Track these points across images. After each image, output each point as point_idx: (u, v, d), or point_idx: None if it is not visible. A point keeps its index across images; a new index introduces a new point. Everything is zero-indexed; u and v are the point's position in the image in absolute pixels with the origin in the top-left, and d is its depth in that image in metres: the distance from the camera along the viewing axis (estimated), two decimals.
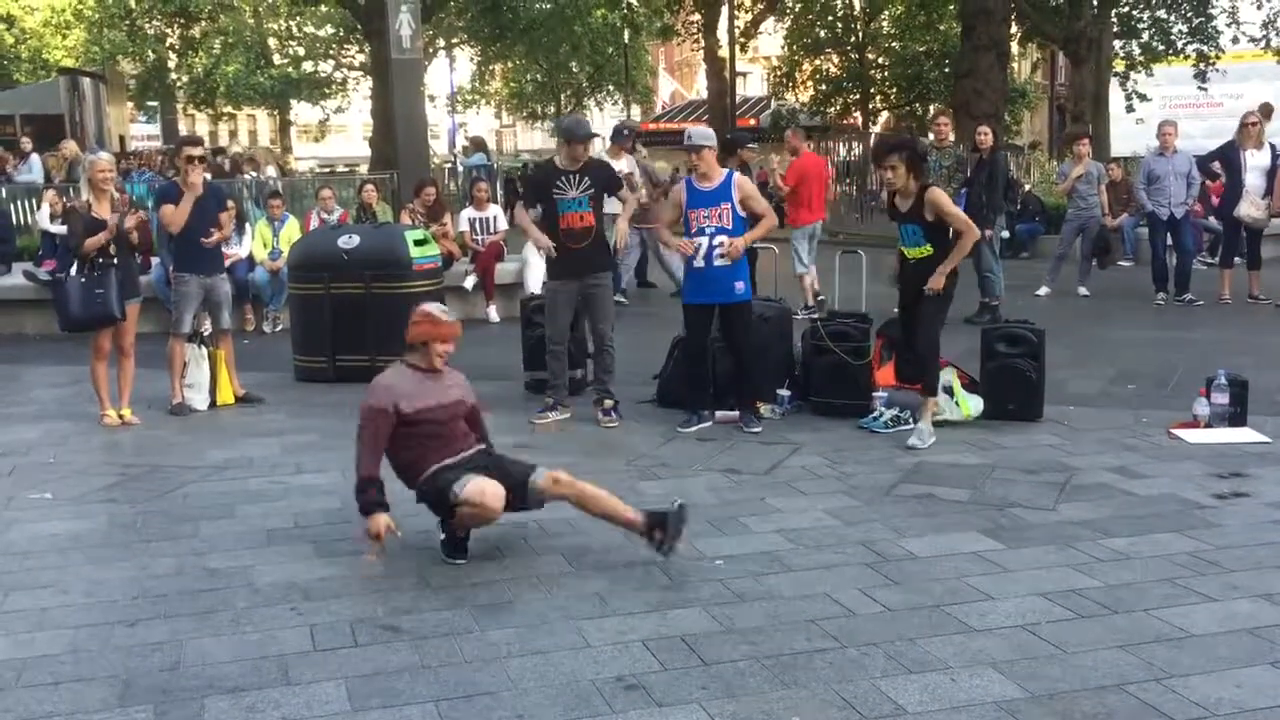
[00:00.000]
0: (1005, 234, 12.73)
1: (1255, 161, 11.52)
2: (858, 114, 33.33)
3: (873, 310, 8.02)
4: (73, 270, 7.27)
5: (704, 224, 6.89)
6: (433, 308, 5.06)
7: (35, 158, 17.06)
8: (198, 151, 7.87)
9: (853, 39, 32.67)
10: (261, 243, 11.66)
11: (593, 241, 7.20)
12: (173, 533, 5.18)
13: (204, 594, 4.40)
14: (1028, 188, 18.13)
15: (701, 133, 7.18)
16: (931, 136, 11.56)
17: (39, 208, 13.53)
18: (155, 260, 10.92)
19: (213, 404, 7.88)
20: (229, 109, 42.49)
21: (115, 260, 7.29)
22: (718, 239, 6.83)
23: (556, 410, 7.31)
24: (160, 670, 3.72)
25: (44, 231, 12.66)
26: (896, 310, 6.97)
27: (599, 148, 11.43)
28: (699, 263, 6.93)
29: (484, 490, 4.53)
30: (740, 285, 6.93)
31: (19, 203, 14.89)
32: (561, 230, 7.13)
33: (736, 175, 7.11)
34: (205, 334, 7.96)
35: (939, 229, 6.47)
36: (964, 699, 3.42)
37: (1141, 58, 24.46)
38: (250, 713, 3.42)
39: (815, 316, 8.99)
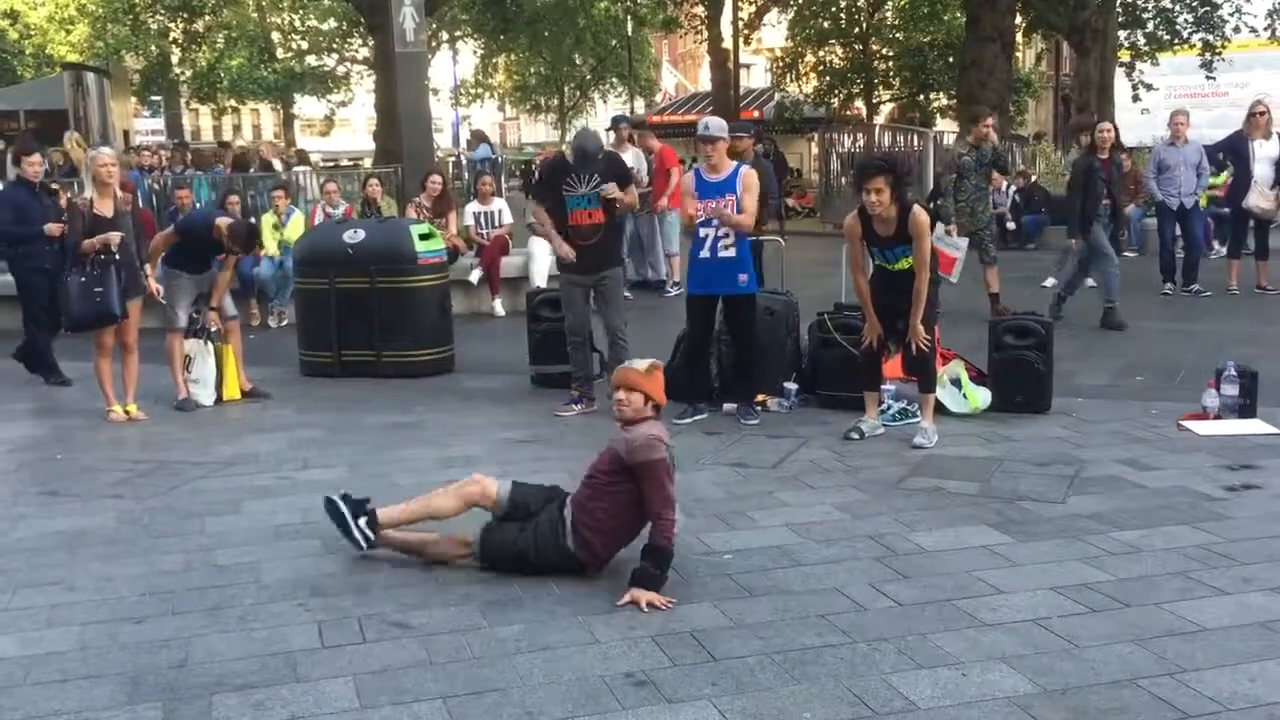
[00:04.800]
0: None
1: (1264, 152, 11.43)
2: (861, 105, 33.25)
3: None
4: (74, 269, 7.25)
5: (710, 214, 6.86)
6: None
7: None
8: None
9: (856, 30, 32.59)
10: (270, 235, 11.60)
11: (601, 239, 7.15)
12: (180, 529, 5.17)
13: (212, 590, 4.39)
14: (1034, 178, 18.11)
15: (719, 124, 7.14)
16: (969, 135, 10.74)
17: None
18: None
19: (219, 399, 7.87)
20: (232, 103, 42.49)
21: (117, 257, 7.26)
22: (723, 230, 6.82)
23: (582, 403, 7.25)
24: (168, 667, 3.71)
25: None
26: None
27: (608, 141, 11.44)
28: (704, 253, 6.91)
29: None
30: (744, 277, 6.91)
31: None
32: (570, 227, 7.13)
33: (744, 169, 7.06)
34: (211, 330, 7.93)
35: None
36: (976, 694, 3.40)
37: (1147, 47, 24.37)
38: (258, 710, 3.41)
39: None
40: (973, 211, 10.29)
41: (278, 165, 17.61)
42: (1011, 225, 16.84)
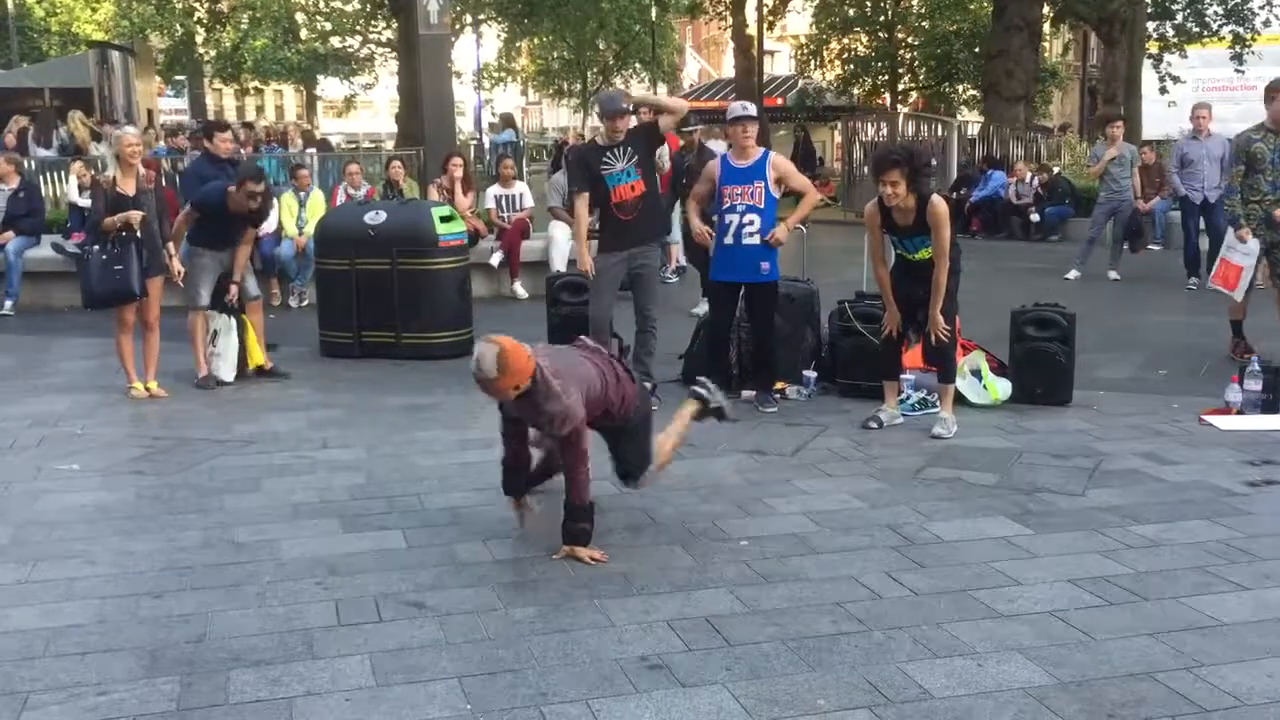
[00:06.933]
0: None
1: None
2: (885, 94, 33.08)
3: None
4: (95, 246, 7.28)
5: (736, 201, 6.82)
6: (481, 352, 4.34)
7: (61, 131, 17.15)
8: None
9: (882, 18, 32.38)
10: (289, 213, 11.63)
11: (645, 209, 7.01)
12: (200, 505, 5.20)
13: (230, 567, 4.42)
14: (1057, 170, 18.01)
15: (750, 105, 7.08)
16: (1267, 118, 7.94)
17: (67, 180, 13.60)
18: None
19: (240, 372, 7.88)
20: (256, 84, 42.63)
21: (138, 235, 7.28)
22: (748, 217, 6.79)
23: None
24: (186, 642, 3.74)
25: (72, 204, 12.72)
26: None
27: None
28: (729, 240, 6.87)
29: None
30: (767, 265, 6.87)
31: (48, 174, 14.96)
32: (613, 204, 6.97)
33: (772, 154, 7.01)
34: (230, 305, 7.92)
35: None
36: (991, 685, 3.39)
37: (1175, 39, 24.15)
38: (275, 686, 3.43)
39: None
40: (1268, 217, 7.88)
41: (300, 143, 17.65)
42: (1035, 217, 16.75)
